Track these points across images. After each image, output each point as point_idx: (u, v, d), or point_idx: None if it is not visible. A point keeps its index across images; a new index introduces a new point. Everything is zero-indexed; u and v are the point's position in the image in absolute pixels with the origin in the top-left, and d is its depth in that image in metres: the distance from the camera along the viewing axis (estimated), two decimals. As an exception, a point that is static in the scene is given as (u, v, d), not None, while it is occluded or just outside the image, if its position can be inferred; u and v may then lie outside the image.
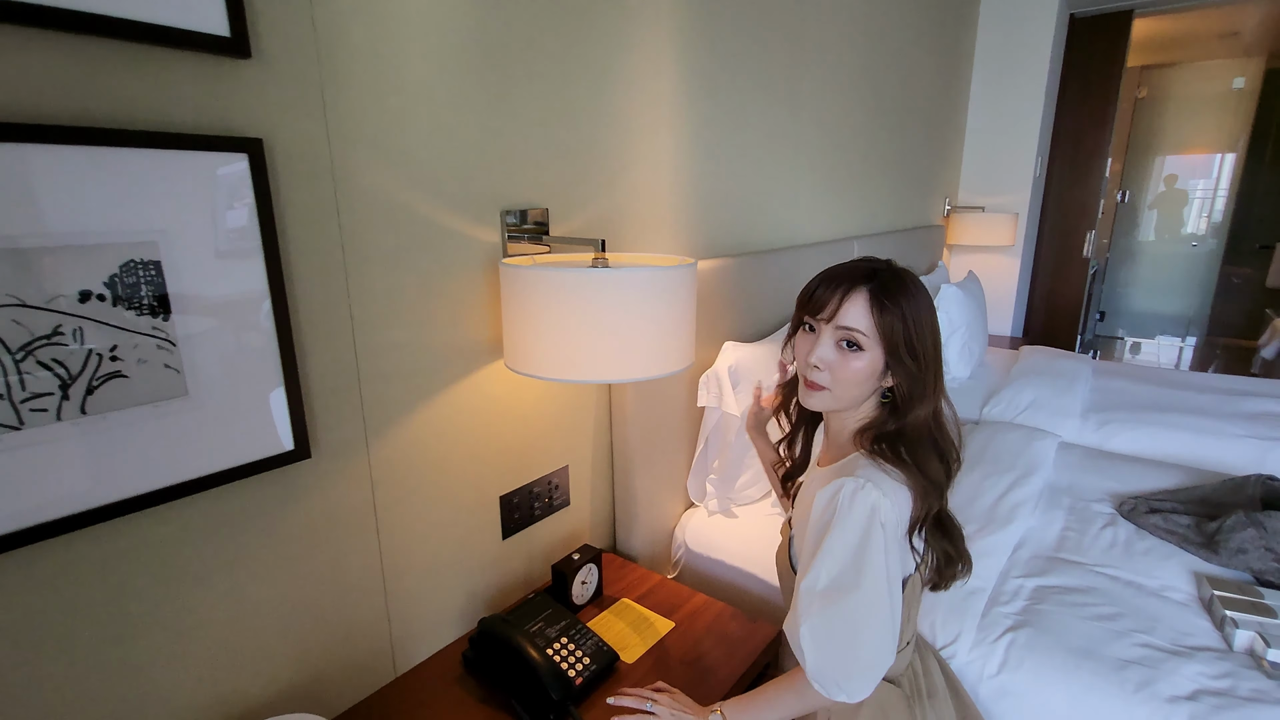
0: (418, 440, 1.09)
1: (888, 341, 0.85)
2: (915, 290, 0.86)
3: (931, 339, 0.86)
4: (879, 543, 0.81)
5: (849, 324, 0.86)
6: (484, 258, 1.13)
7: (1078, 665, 1.08)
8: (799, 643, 0.84)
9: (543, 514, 1.35)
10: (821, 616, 0.82)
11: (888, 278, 0.86)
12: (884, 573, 0.82)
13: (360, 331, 0.98)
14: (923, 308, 0.85)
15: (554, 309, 0.97)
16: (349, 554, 1.02)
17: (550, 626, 1.16)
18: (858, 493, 0.82)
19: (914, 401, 0.86)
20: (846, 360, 0.87)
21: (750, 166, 1.77)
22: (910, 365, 0.84)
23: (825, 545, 0.82)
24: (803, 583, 0.84)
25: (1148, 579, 1.30)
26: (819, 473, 0.96)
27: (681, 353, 1.06)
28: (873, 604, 0.81)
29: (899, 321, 0.84)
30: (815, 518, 0.86)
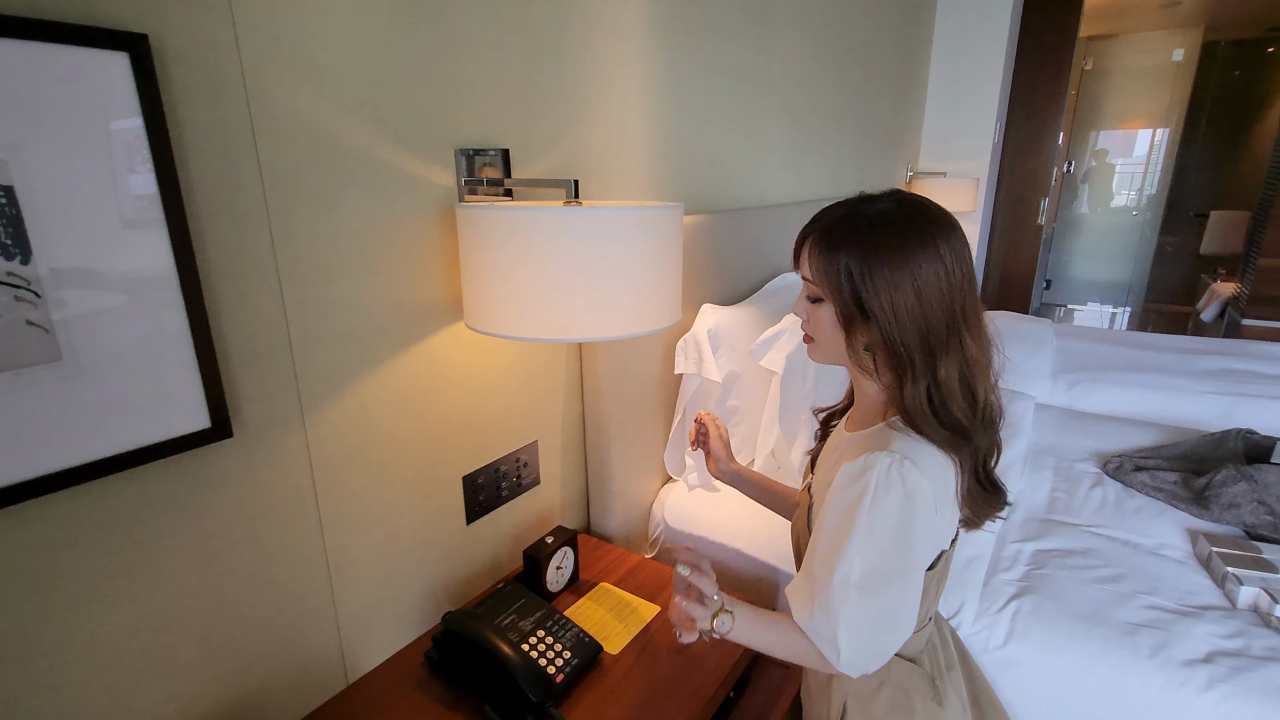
0: (365, 414, 0.94)
1: (834, 295, 0.75)
2: (873, 232, 0.72)
3: (902, 294, 0.70)
4: (920, 523, 0.72)
5: (803, 272, 0.79)
6: (438, 203, 0.98)
7: (1086, 632, 1.03)
8: (834, 640, 0.74)
9: (511, 494, 1.22)
10: (860, 611, 0.72)
11: (838, 217, 0.75)
12: (924, 555, 0.74)
13: (290, 286, 0.82)
14: (881, 252, 0.71)
15: (522, 256, 0.83)
16: (285, 548, 0.87)
17: (524, 619, 1.04)
18: (892, 470, 0.71)
19: (897, 372, 0.74)
20: (811, 312, 0.79)
21: (722, 118, 1.65)
22: (875, 324, 0.72)
23: (858, 530, 0.72)
24: (834, 575, 0.73)
25: (1143, 537, 1.26)
26: (845, 438, 0.86)
27: (667, 307, 0.94)
28: (913, 589, 0.74)
29: (841, 271, 0.73)
30: (839, 492, 0.75)
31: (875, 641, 0.74)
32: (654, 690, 0.97)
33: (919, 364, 0.73)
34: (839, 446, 0.86)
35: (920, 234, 0.72)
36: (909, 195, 0.76)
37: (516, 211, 0.82)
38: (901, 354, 0.73)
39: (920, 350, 0.72)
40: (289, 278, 0.82)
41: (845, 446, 0.83)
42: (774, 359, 1.40)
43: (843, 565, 0.73)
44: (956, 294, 0.72)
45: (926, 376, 0.73)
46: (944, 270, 0.71)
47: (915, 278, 0.71)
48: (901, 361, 0.73)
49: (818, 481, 0.86)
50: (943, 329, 0.72)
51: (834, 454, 0.86)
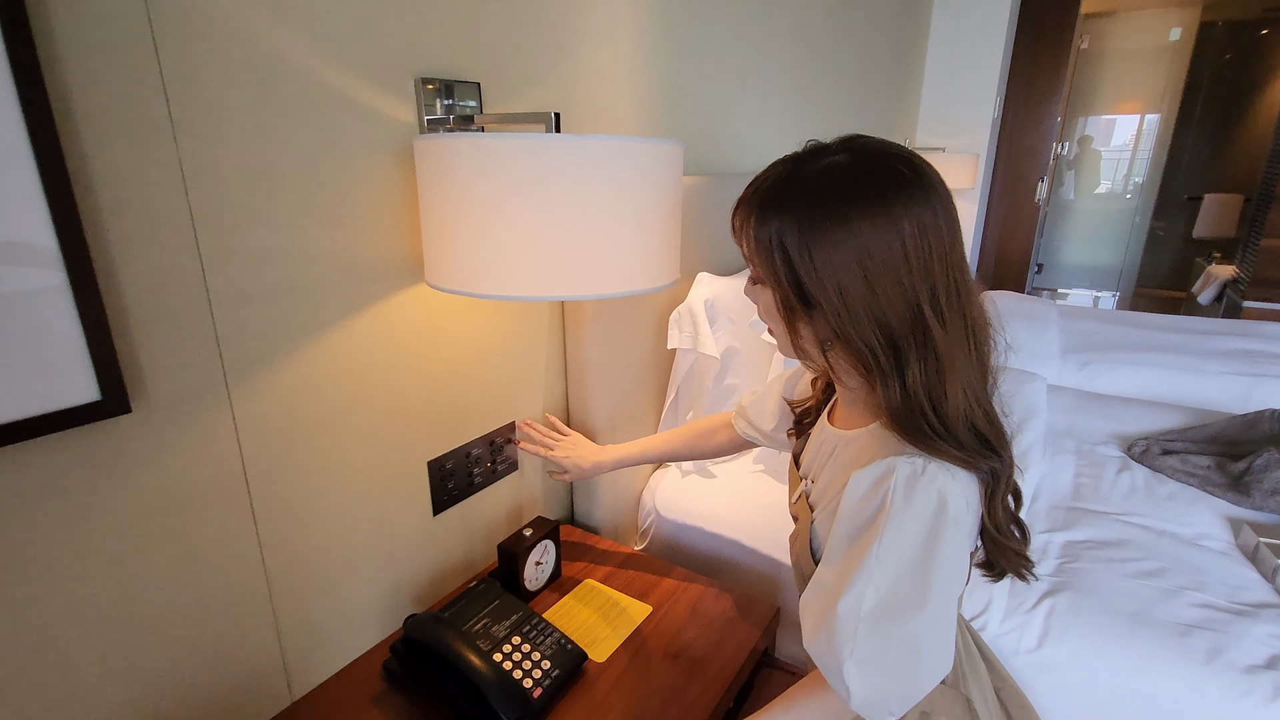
0: (309, 388, 0.80)
1: (770, 277, 0.61)
2: (812, 194, 0.56)
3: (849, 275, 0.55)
4: (949, 544, 0.58)
5: (741, 248, 0.65)
6: (395, 141, 0.83)
7: (1132, 633, 0.92)
8: (839, 675, 0.61)
9: (485, 481, 1.09)
10: (872, 646, 0.59)
11: (776, 175, 0.60)
12: (953, 582, 0.60)
13: (207, 229, 0.67)
14: (819, 221, 0.55)
15: (493, 196, 0.69)
16: (209, 545, 0.73)
17: (498, 623, 0.91)
18: (918, 479, 0.58)
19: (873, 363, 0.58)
20: (757, 295, 0.66)
21: (721, 73, 1.50)
22: (822, 314, 0.58)
23: (872, 554, 0.58)
24: (840, 603, 0.60)
25: (1180, 526, 1.16)
26: (835, 435, 0.72)
27: (665, 263, 0.80)
28: (938, 621, 0.59)
29: (774, 246, 0.58)
30: (850, 507, 0.62)
31: (892, 683, 0.61)
32: (647, 703, 0.85)
33: (884, 362, 0.58)
34: (829, 446, 0.73)
35: (870, 196, 0.55)
36: (869, 143, 0.59)
37: (486, 141, 0.68)
38: (860, 351, 0.58)
39: (884, 347, 0.57)
40: (206, 219, 0.67)
41: (841, 447, 0.70)
42: (778, 332, 1.27)
43: (850, 594, 0.59)
44: (921, 275, 0.56)
45: (896, 377, 0.58)
46: (900, 244, 0.55)
47: (865, 256, 0.55)
48: (863, 359, 0.59)
49: (818, 491, 0.72)
50: (906, 321, 0.57)
51: (826, 455, 0.73)
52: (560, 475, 1.12)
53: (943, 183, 0.59)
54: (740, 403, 1.01)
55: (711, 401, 1.32)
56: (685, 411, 1.36)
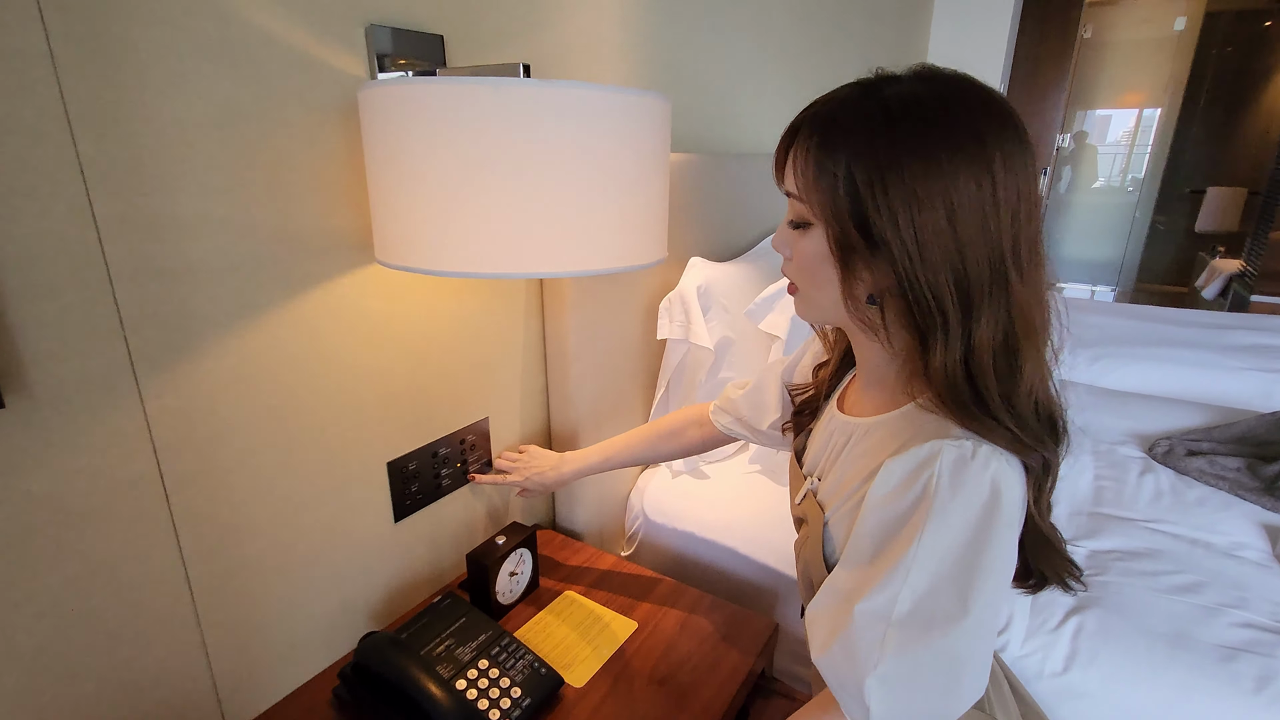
0: (239, 379, 0.69)
1: (827, 214, 0.51)
2: (892, 123, 0.48)
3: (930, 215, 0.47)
4: (1000, 542, 0.49)
5: (786, 185, 0.56)
6: (342, 98, 0.73)
7: (1170, 657, 0.82)
8: (858, 692, 0.52)
9: (454, 484, 0.99)
10: (903, 660, 0.50)
11: (842, 100, 0.51)
12: (1000, 588, 0.51)
13: (104, 190, 0.56)
14: (900, 154, 0.47)
15: (452, 153, 0.58)
16: (116, 561, 0.63)
17: (463, 644, 0.81)
18: (967, 464, 0.49)
19: (917, 330, 0.51)
20: (796, 243, 0.56)
21: (715, 45, 1.40)
22: (886, 260, 0.49)
23: (912, 551, 0.49)
24: (865, 603, 0.51)
25: (1213, 535, 1.07)
26: (849, 425, 0.63)
27: (651, 237, 0.70)
28: (980, 633, 0.50)
29: (840, 179, 0.49)
30: (880, 500, 0.53)
31: (921, 703, 0.51)
32: (629, 738, 0.75)
33: (952, 318, 0.49)
34: (841, 437, 0.63)
35: (962, 128, 0.48)
36: (951, 73, 0.51)
37: (441, 86, 0.58)
38: (926, 304, 0.49)
39: (955, 300, 0.49)
40: (102, 177, 0.56)
41: (858, 436, 0.60)
42: (775, 322, 1.17)
43: (881, 593, 0.50)
44: (1007, 221, 0.49)
45: (961, 340, 0.50)
46: (992, 184, 0.48)
47: (950, 192, 0.47)
48: (926, 315, 0.50)
49: (829, 488, 0.63)
50: (985, 272, 0.49)
51: (839, 447, 0.63)
52: (527, 494, 1.04)
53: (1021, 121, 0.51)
54: (726, 395, 0.91)
55: (705, 396, 1.22)
56: (676, 407, 1.26)
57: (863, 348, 0.61)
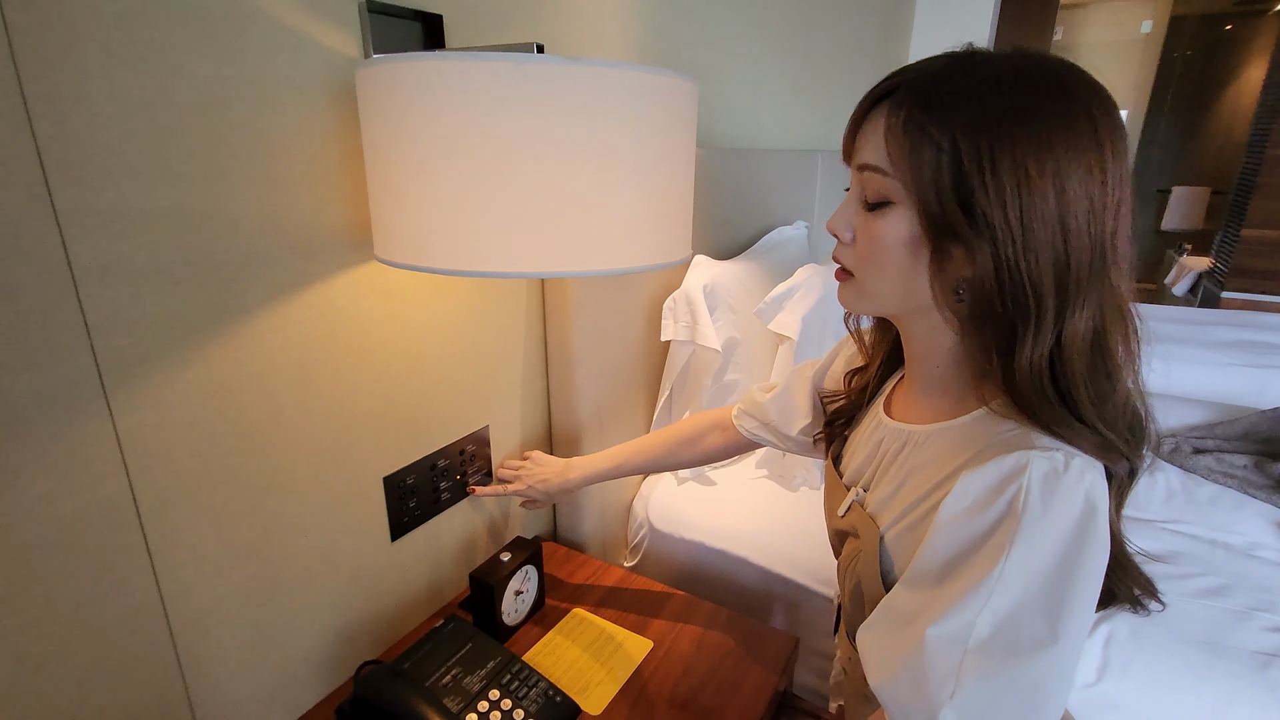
0: (222, 390, 0.62)
1: (920, 192, 0.46)
2: (1002, 94, 0.44)
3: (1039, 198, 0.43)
4: (1093, 562, 0.45)
5: (863, 158, 0.50)
6: (335, 80, 0.66)
7: (1208, 665, 0.80)
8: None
9: (453, 497, 0.92)
10: (981, 689, 0.45)
11: (939, 69, 0.47)
12: (1089, 612, 0.46)
13: (66, 178, 0.50)
14: (1012, 129, 0.43)
15: (470, 137, 0.52)
16: (84, 600, 0.56)
17: (471, 672, 0.75)
18: (1059, 477, 0.44)
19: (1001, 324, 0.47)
20: (869, 225, 0.51)
21: (717, 37, 1.35)
22: (986, 245, 0.45)
23: (996, 572, 0.45)
24: (937, 627, 0.46)
25: (1231, 535, 1.05)
26: (902, 430, 0.58)
27: (678, 232, 0.65)
28: (1066, 662, 0.45)
29: (943, 152, 0.45)
30: (956, 517, 0.48)
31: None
32: (654, 770, 0.70)
33: (1048, 311, 0.45)
34: (892, 444, 0.58)
35: (1077, 108, 0.44)
36: (1049, 53, 0.47)
37: (452, 64, 0.52)
38: (1022, 293, 0.45)
39: (1053, 290, 0.45)
40: (64, 164, 0.49)
41: (914, 445, 0.55)
42: (786, 322, 1.13)
43: (957, 617, 0.45)
44: (1112, 208, 0.45)
45: (1053, 334, 0.45)
46: (1101, 169, 0.44)
47: (1061, 174, 0.44)
48: (1020, 306, 0.45)
49: (881, 500, 0.57)
50: (1084, 261, 0.45)
51: (891, 456, 0.58)
52: (532, 505, 0.99)
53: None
54: (751, 398, 0.85)
55: (710, 399, 1.18)
56: (681, 411, 1.21)
57: (921, 345, 0.56)
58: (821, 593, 1.02)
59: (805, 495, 1.18)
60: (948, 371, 0.54)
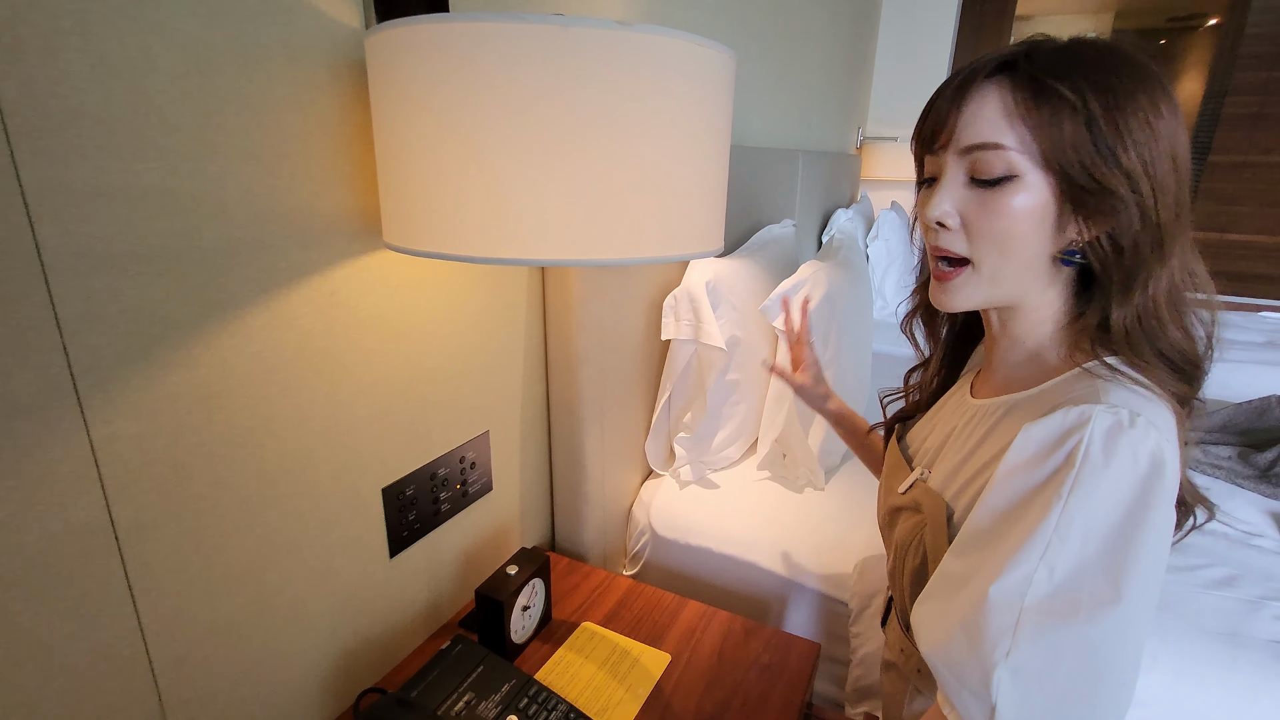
0: (211, 395, 0.55)
1: (1055, 149, 0.46)
2: (1114, 61, 0.46)
3: (1162, 140, 0.46)
4: (1160, 522, 0.43)
5: (977, 138, 0.48)
6: (333, 50, 0.60)
7: (1232, 657, 0.80)
8: (986, 691, 0.45)
9: (453, 509, 0.86)
10: (1039, 648, 0.43)
11: (1051, 48, 0.48)
12: (1155, 576, 0.44)
13: (34, 150, 0.43)
14: (1133, 91, 0.46)
15: (498, 110, 0.47)
16: (55, 637, 0.48)
17: (485, 698, 0.69)
18: (1124, 431, 0.43)
19: (1143, 260, 0.47)
20: (988, 204, 0.49)
21: (703, 28, 1.32)
22: (1118, 188, 0.46)
23: (1051, 520, 0.44)
24: (995, 585, 0.44)
25: (1228, 525, 1.07)
26: (981, 405, 0.56)
27: (713, 220, 0.61)
28: (1132, 625, 0.43)
29: (1074, 110, 0.45)
30: (1014, 469, 0.47)
31: (1056, 704, 0.44)
32: (688, 795, 0.66)
33: (1174, 250, 0.48)
34: (966, 419, 0.57)
35: (1159, 76, 0.47)
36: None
37: (482, 26, 0.46)
38: (1158, 237, 0.47)
39: (1174, 229, 0.48)
40: (32, 133, 0.42)
41: (985, 416, 0.54)
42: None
43: (1015, 571, 0.44)
44: (1189, 164, 0.49)
45: (1157, 283, 0.48)
46: (1178, 116, 0.48)
47: (1166, 121, 0.47)
48: (1157, 249, 0.47)
49: (943, 474, 0.56)
50: (1185, 207, 0.49)
51: (964, 430, 0.57)
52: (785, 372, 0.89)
53: None
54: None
55: (714, 398, 1.14)
56: (682, 412, 1.17)
57: (1017, 324, 0.55)
58: (835, 596, 0.99)
59: (811, 496, 1.16)
60: (1039, 344, 0.54)
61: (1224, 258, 3.47)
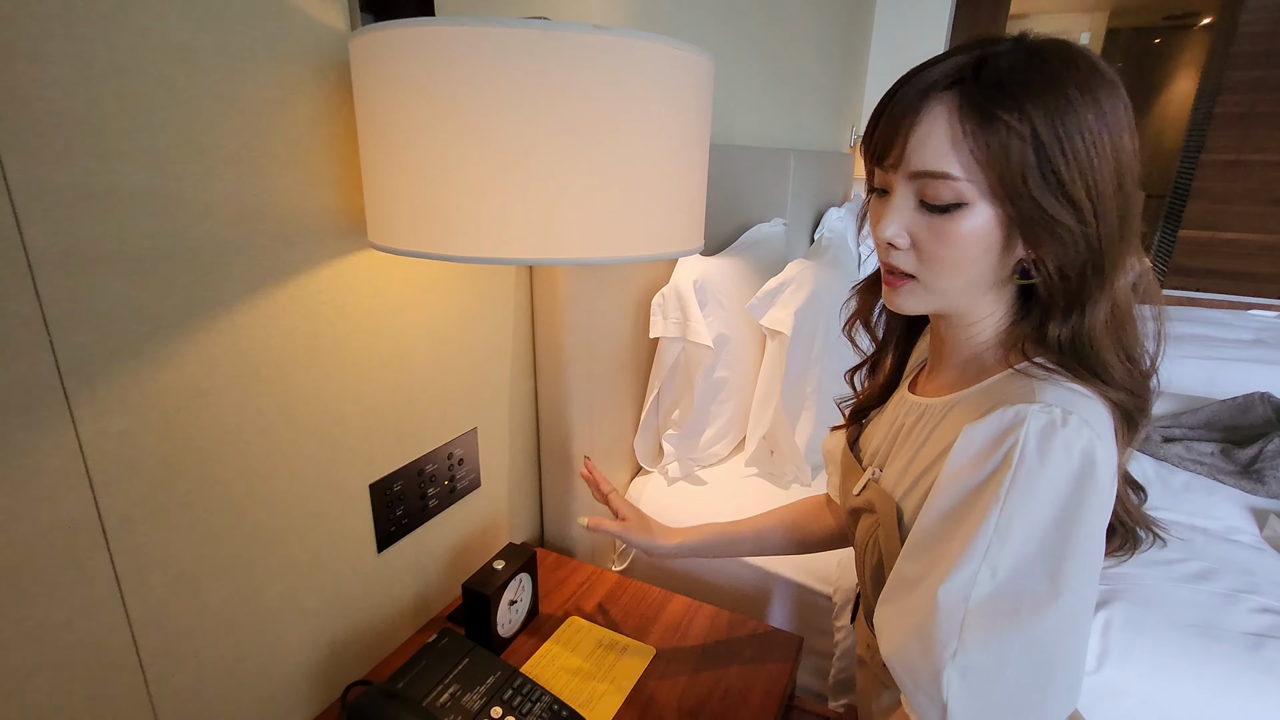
0: (198, 392, 0.56)
1: (1001, 181, 0.46)
2: (1063, 68, 0.45)
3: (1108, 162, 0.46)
4: (1093, 518, 0.45)
5: (925, 165, 0.48)
6: (317, 51, 0.61)
7: (1205, 649, 0.82)
8: (937, 691, 0.46)
9: (441, 505, 0.87)
10: (986, 649, 0.45)
11: (998, 65, 0.46)
12: (1092, 570, 0.46)
13: (20, 149, 0.43)
14: (1075, 102, 0.45)
15: (478, 112, 0.48)
16: (41, 629, 0.49)
17: (470, 689, 0.70)
18: (1056, 431, 0.45)
19: (1085, 285, 0.48)
20: (936, 228, 0.50)
21: (694, 28, 1.33)
22: (1063, 218, 0.46)
23: (991, 521, 0.45)
24: (942, 587, 0.46)
25: (1207, 520, 1.09)
26: (923, 404, 0.58)
27: (693, 219, 0.62)
28: (1073, 621, 0.45)
29: (1021, 139, 0.45)
30: (957, 471, 0.48)
31: (1007, 701, 0.46)
32: (669, 784, 0.67)
33: (1119, 268, 0.48)
34: (912, 418, 0.58)
35: (1107, 77, 0.47)
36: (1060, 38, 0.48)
37: (467, 29, 0.47)
38: (1101, 258, 0.47)
39: (1119, 248, 0.48)
40: (18, 134, 0.43)
41: (930, 415, 0.56)
42: (779, 317, 1.12)
43: (958, 575, 0.45)
44: (1137, 174, 0.48)
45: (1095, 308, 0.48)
46: (1133, 131, 0.48)
47: (1116, 142, 0.46)
48: (1096, 273, 0.47)
49: (895, 473, 0.58)
50: (1131, 221, 0.48)
51: (909, 429, 0.58)
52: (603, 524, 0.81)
53: None
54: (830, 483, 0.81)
55: (701, 396, 1.15)
56: (670, 410, 1.19)
57: (961, 331, 0.56)
58: (819, 590, 1.01)
59: (797, 492, 1.17)
60: (981, 348, 0.55)
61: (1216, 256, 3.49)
